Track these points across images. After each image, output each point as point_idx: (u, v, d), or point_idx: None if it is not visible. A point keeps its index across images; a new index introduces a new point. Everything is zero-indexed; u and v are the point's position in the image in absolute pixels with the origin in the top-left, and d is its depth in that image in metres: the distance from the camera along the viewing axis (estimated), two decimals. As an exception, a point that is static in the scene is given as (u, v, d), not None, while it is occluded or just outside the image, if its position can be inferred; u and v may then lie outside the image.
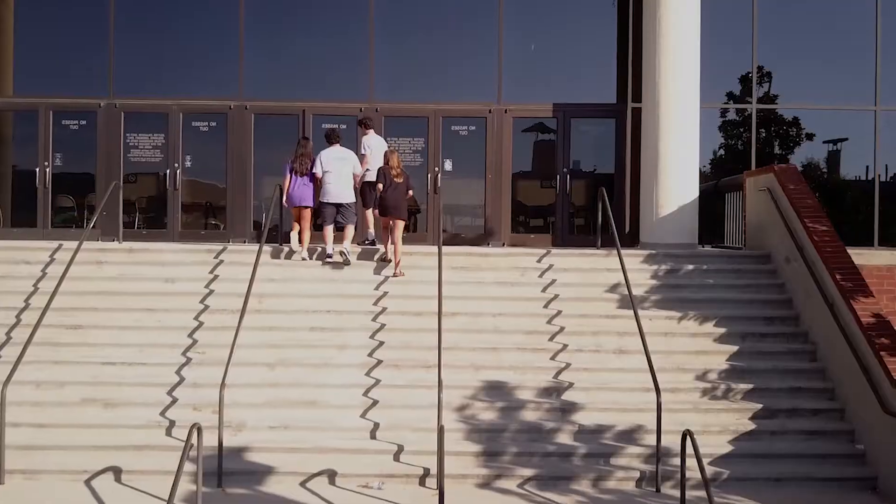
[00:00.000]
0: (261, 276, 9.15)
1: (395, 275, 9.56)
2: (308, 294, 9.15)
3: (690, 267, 9.76)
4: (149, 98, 12.59)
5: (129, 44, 12.61)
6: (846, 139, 13.27)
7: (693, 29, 11.17)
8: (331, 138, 10.32)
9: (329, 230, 9.90)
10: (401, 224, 9.76)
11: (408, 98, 12.67)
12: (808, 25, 13.24)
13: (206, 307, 8.94)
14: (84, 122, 12.59)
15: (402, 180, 9.86)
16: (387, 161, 9.90)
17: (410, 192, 10.41)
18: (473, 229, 12.84)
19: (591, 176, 13.04)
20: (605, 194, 10.04)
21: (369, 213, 10.58)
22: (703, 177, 11.62)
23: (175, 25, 12.76)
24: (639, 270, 9.67)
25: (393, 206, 9.74)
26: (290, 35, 12.80)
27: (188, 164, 12.58)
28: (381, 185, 9.79)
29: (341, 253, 9.73)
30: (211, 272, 9.54)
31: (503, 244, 12.55)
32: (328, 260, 9.73)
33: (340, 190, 10.01)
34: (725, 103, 13.42)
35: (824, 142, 13.40)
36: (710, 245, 12.28)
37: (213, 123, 12.58)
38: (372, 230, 10.73)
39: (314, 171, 10.06)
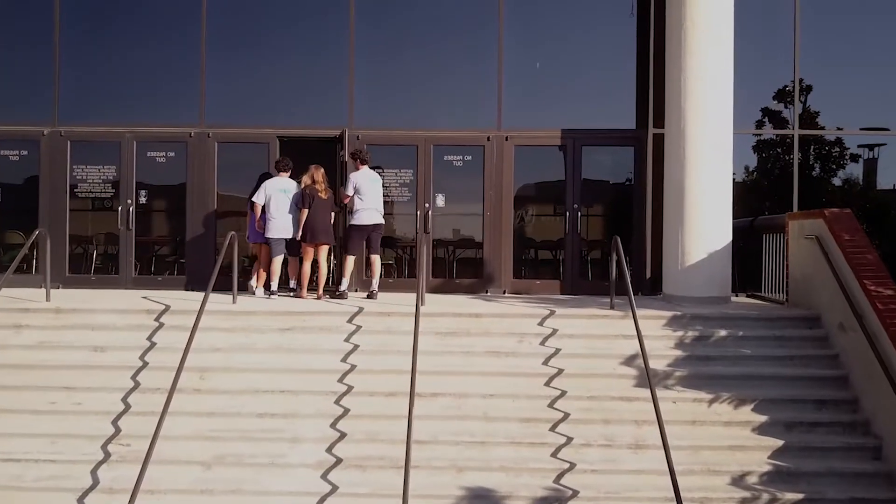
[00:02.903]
0: (205, 346, 8.02)
1: (318, 297, 9.82)
2: (260, 368, 7.87)
3: (723, 333, 8.38)
4: (99, 125, 11.40)
5: (77, 64, 11.48)
6: (884, 144, 12.01)
7: (725, 46, 9.85)
8: (279, 167, 10.20)
9: (278, 263, 10.03)
10: (326, 248, 10.08)
11: (394, 124, 11.40)
12: (852, 31, 11.89)
13: (137, 385, 7.68)
14: (25, 153, 11.44)
15: (327, 196, 9.98)
16: (312, 178, 9.82)
17: (333, 214, 10.31)
18: (470, 274, 11.50)
19: (606, 212, 11.72)
20: (620, 243, 8.66)
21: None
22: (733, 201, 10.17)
23: (128, 44, 11.53)
24: (660, 337, 8.32)
25: (322, 231, 9.91)
26: (257, 53, 11.54)
27: (143, 199, 11.39)
28: (305, 210, 9.83)
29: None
30: (149, 338, 8.30)
31: (504, 291, 11.26)
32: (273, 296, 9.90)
33: (287, 223, 9.95)
34: (761, 122, 12.04)
35: (859, 146, 12.12)
36: (745, 294, 10.93)
37: (172, 153, 11.39)
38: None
39: (254, 199, 10.03)
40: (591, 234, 11.61)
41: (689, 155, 9.92)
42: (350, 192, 9.95)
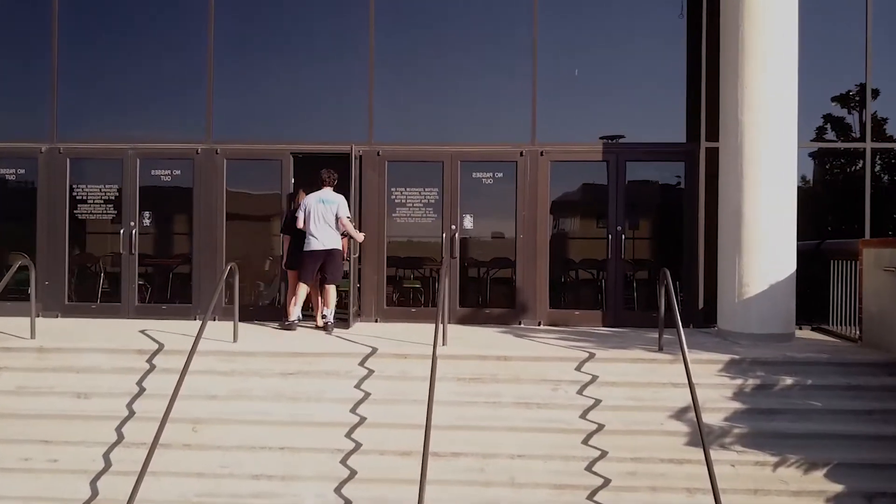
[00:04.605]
0: (200, 392, 7.36)
1: (317, 326, 9.66)
2: (258, 419, 7.13)
3: (788, 381, 7.43)
4: (99, 141, 10.80)
5: (76, 77, 10.87)
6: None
7: (789, 50, 8.91)
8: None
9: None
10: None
11: (417, 138, 10.61)
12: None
13: (122, 438, 7.00)
14: (23, 171, 10.89)
15: None
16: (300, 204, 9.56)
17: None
18: (502, 302, 10.65)
19: (653, 235, 10.80)
20: (669, 276, 7.73)
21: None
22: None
23: (131, 55, 10.88)
24: (716, 386, 7.41)
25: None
26: (269, 63, 10.82)
27: (147, 221, 10.76)
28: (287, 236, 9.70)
29: None
30: (139, 382, 7.62)
31: (539, 322, 10.41)
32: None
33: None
34: (822, 128, 10.89)
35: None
36: (810, 327, 9.94)
37: (178, 171, 10.75)
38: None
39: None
40: (636, 258, 10.69)
41: (747, 173, 9.00)
42: (299, 214, 9.43)
